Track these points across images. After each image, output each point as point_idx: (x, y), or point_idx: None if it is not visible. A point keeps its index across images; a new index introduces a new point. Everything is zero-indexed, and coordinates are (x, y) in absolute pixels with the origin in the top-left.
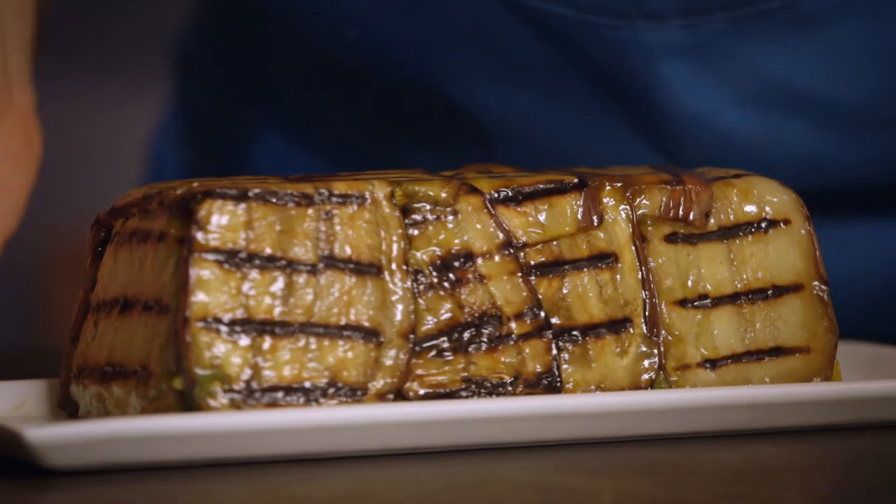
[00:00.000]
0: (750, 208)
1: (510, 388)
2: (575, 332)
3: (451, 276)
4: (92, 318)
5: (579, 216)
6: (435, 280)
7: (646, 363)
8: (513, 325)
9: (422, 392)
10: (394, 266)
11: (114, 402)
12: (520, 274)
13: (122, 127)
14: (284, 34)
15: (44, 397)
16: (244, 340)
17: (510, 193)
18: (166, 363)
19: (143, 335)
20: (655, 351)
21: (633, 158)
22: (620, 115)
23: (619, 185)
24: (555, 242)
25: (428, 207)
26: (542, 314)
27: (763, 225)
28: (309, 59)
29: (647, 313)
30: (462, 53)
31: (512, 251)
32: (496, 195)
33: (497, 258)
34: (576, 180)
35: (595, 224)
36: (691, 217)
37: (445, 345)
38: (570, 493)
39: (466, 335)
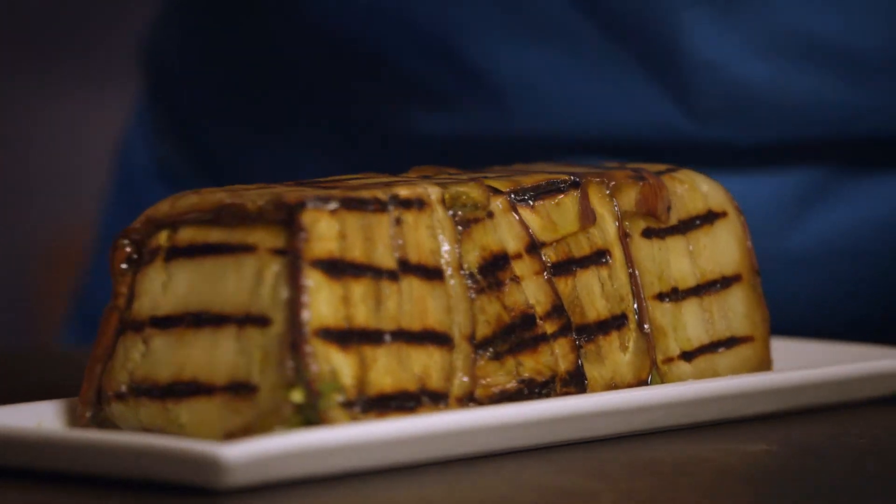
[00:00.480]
0: (697, 201)
1: (553, 388)
2: (589, 330)
3: (494, 277)
4: (136, 335)
5: (580, 214)
6: (484, 282)
7: (643, 358)
8: (544, 325)
9: (490, 395)
10: (451, 270)
11: (191, 420)
12: (545, 273)
13: (93, 129)
14: (281, 13)
15: (60, 419)
16: (353, 350)
17: (525, 193)
18: (280, 376)
19: (233, 349)
20: (648, 345)
21: (650, 111)
22: (638, 68)
23: (603, 181)
24: (562, 241)
25: (469, 209)
26: (565, 313)
27: (709, 217)
28: (309, 33)
29: (636, 308)
30: (477, 9)
31: (536, 251)
32: (513, 195)
33: (525, 258)
34: (571, 178)
35: (593, 221)
36: (658, 211)
37: (499, 347)
38: (570, 494)
39: (513, 337)
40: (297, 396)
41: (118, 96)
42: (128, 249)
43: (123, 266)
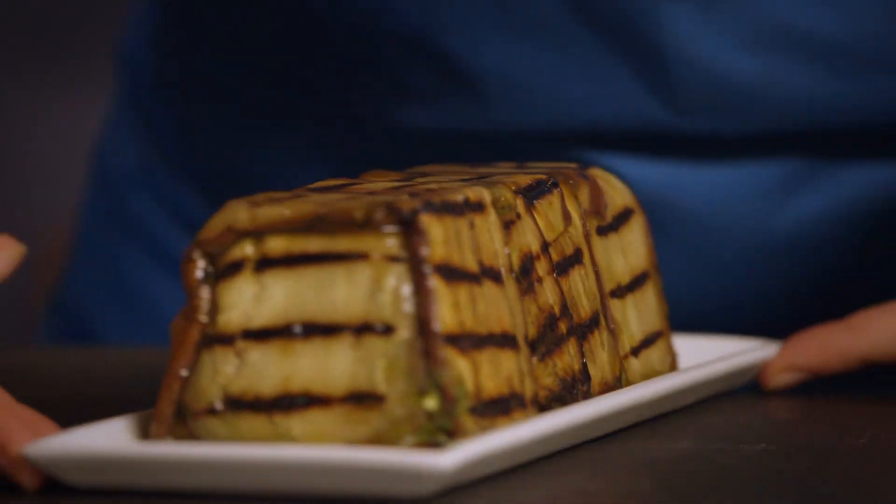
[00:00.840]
0: (618, 198)
1: (578, 388)
2: (582, 328)
3: (529, 278)
4: (226, 349)
5: (563, 214)
6: (524, 284)
7: (615, 355)
8: (560, 325)
9: (545, 396)
10: (504, 272)
11: (305, 432)
12: (553, 273)
13: (93, 128)
14: (264, 11)
15: (129, 437)
16: (468, 355)
17: (529, 193)
18: (411, 384)
19: (350, 359)
20: (616, 342)
21: (633, 105)
22: (622, 63)
23: (568, 180)
24: (557, 241)
25: (505, 211)
26: (570, 312)
27: (626, 214)
28: (292, 30)
29: (603, 305)
30: (461, 4)
31: (547, 251)
32: (522, 196)
33: (542, 259)
34: (551, 178)
35: (570, 221)
36: (602, 209)
37: (542, 348)
38: (570, 493)
39: (548, 337)
40: (430, 403)
41: (85, 99)
42: (201, 261)
43: (199, 278)
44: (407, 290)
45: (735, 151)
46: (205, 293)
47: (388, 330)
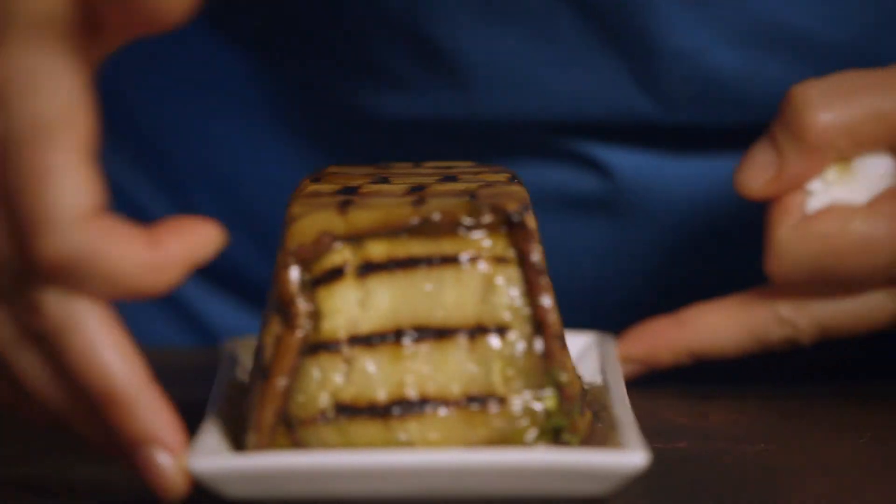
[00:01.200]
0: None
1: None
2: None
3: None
4: (333, 356)
5: None
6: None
7: None
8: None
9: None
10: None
11: (422, 436)
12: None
13: None
14: None
15: (224, 448)
16: (566, 353)
17: None
18: (531, 385)
19: (465, 361)
20: None
21: (618, 97)
22: (608, 53)
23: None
24: None
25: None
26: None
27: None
28: (270, 14)
29: None
30: None
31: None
32: None
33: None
34: (514, 176)
35: None
36: None
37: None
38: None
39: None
40: (549, 403)
41: None
42: (295, 268)
43: (296, 285)
44: (519, 290)
45: (719, 143)
46: (303, 300)
47: (502, 331)
